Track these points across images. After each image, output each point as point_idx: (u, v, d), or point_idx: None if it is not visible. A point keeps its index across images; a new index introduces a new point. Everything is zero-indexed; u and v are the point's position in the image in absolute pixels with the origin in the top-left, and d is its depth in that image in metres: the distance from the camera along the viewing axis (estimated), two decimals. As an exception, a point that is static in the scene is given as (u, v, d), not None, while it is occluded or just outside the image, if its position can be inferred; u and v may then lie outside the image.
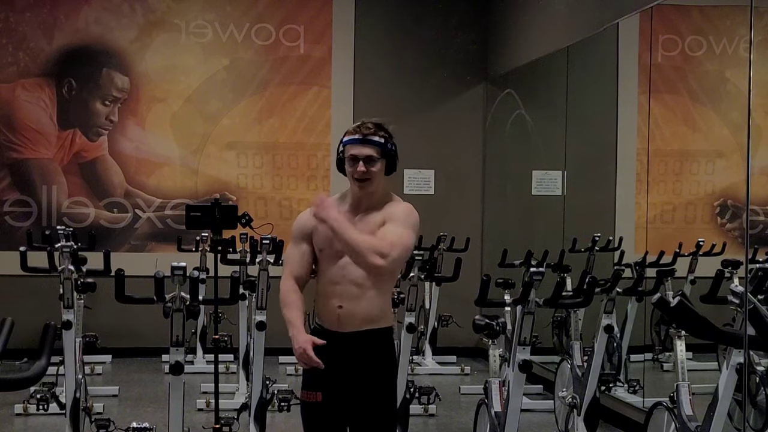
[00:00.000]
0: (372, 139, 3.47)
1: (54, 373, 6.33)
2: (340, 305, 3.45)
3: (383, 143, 3.49)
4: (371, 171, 3.45)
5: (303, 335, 3.42)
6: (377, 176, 3.48)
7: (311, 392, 3.52)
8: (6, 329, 2.47)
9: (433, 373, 8.34)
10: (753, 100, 4.65)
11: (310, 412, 3.55)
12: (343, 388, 3.49)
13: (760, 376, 5.20)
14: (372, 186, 3.48)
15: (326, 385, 3.50)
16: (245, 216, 5.78)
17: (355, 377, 3.48)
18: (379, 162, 3.47)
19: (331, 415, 3.52)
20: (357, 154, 3.46)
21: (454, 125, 9.44)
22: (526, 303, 4.72)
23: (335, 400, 3.50)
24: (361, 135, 3.48)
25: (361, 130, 3.49)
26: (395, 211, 3.48)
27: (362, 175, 3.44)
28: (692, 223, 6.72)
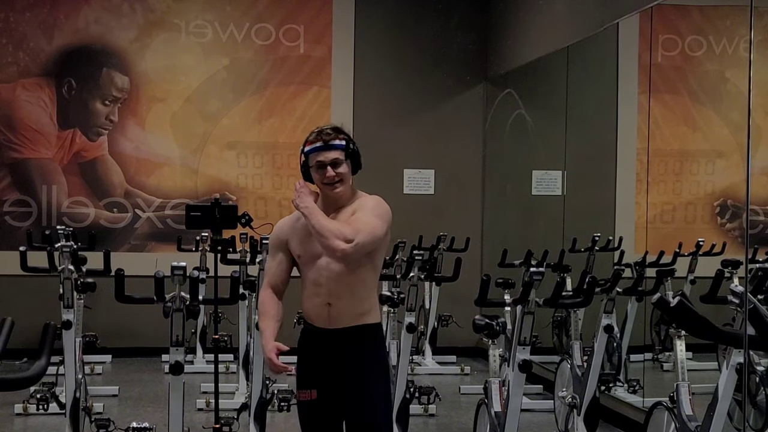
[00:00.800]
0: (334, 144, 3.56)
1: (54, 373, 6.34)
2: (328, 303, 3.53)
3: (345, 145, 3.57)
4: (340, 173, 3.53)
5: (269, 344, 3.54)
6: (346, 177, 3.57)
7: (306, 391, 3.59)
8: (6, 329, 2.47)
9: (433, 373, 8.34)
10: (753, 100, 4.65)
11: (307, 410, 3.61)
12: (337, 383, 3.55)
13: (760, 376, 5.20)
14: (343, 187, 3.56)
15: (321, 382, 3.57)
16: (245, 216, 5.78)
17: (348, 372, 3.53)
18: (345, 163, 3.56)
19: (327, 411, 3.58)
20: (323, 160, 3.54)
21: (454, 125, 9.45)
22: (526, 303, 4.72)
23: (330, 396, 3.56)
24: (323, 141, 3.55)
25: (321, 137, 3.56)
26: (364, 202, 3.57)
27: (332, 179, 3.53)
28: (692, 223, 6.72)
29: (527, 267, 6.89)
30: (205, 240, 8.17)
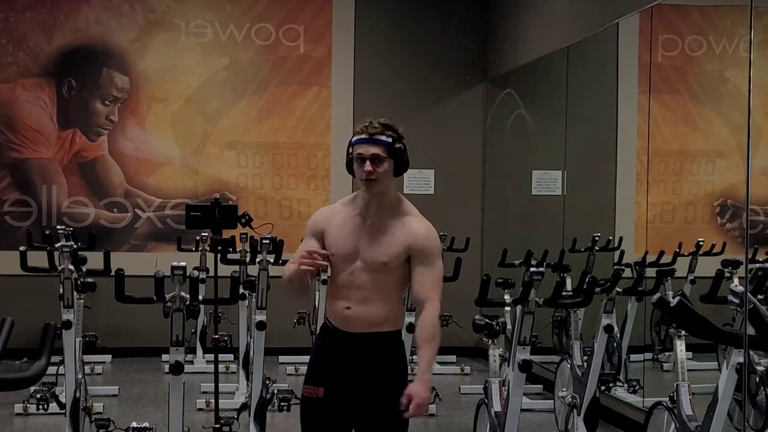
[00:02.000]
0: (379, 138, 3.42)
1: (54, 373, 6.34)
2: (348, 306, 3.43)
3: (390, 143, 3.43)
4: (377, 171, 3.38)
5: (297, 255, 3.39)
6: (384, 176, 3.41)
7: (313, 387, 3.48)
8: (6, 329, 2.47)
9: (433, 373, 8.31)
10: (753, 100, 4.66)
11: (310, 407, 3.51)
12: (347, 385, 3.46)
13: (760, 376, 5.20)
14: (380, 186, 3.42)
15: (330, 381, 3.46)
16: (245, 216, 5.78)
17: (361, 377, 3.45)
18: (386, 161, 3.41)
19: (331, 412, 3.48)
20: (363, 153, 3.40)
21: (454, 125, 9.44)
22: (526, 303, 4.72)
23: (338, 397, 3.47)
24: (368, 134, 3.42)
25: (368, 129, 3.43)
26: (425, 244, 3.43)
27: (368, 174, 3.38)
28: (692, 223, 6.72)
29: (527, 267, 6.89)
30: (205, 240, 8.16)
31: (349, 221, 3.48)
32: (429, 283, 3.43)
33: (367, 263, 3.42)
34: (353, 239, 3.44)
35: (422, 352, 3.41)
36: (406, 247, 3.42)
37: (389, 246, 3.42)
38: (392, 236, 3.42)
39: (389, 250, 3.41)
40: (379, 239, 3.42)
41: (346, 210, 3.51)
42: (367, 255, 3.42)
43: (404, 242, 3.41)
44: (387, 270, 3.42)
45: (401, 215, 3.47)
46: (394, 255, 3.41)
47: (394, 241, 3.42)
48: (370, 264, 3.42)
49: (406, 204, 3.52)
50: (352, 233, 3.45)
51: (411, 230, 3.44)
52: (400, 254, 3.41)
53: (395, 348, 3.54)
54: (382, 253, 3.41)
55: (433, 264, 3.44)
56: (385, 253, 3.41)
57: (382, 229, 3.44)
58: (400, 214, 3.47)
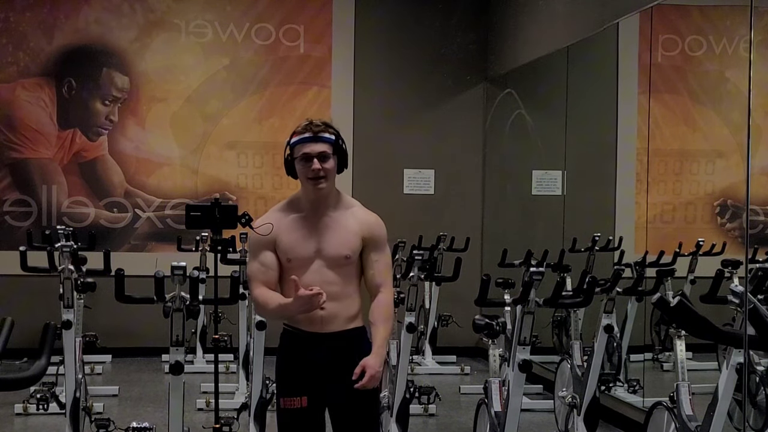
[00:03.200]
0: (323, 136, 3.45)
1: (54, 373, 6.34)
2: (321, 307, 3.38)
3: (334, 140, 3.47)
4: (326, 168, 3.41)
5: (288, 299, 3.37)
6: (331, 173, 3.45)
7: (294, 398, 3.44)
8: (6, 329, 2.47)
9: (433, 373, 8.34)
10: (753, 100, 4.65)
11: (292, 419, 3.46)
12: (326, 390, 3.44)
13: (760, 376, 5.20)
14: (327, 184, 3.44)
15: (313, 388, 3.44)
16: (245, 216, 5.77)
17: (339, 378, 3.42)
18: (332, 159, 3.44)
19: (317, 420, 3.47)
20: (310, 152, 3.41)
21: (454, 125, 9.44)
22: (526, 303, 4.72)
23: (320, 403, 3.45)
24: (312, 133, 3.45)
25: (311, 128, 3.46)
26: (378, 233, 3.51)
27: (317, 173, 3.40)
28: (692, 223, 6.72)
29: (527, 267, 6.88)
30: (205, 240, 8.16)
31: (298, 223, 3.47)
32: (383, 268, 3.51)
33: (329, 260, 3.43)
34: (311, 240, 3.44)
35: (378, 329, 3.45)
36: (361, 237, 3.47)
37: (347, 239, 3.45)
38: (348, 229, 3.46)
39: (349, 243, 3.45)
40: (336, 234, 3.45)
41: (289, 214, 3.51)
42: (329, 251, 3.43)
43: (359, 233, 3.47)
44: (349, 263, 3.45)
45: (347, 208, 3.52)
46: (354, 247, 3.45)
47: (350, 233, 3.46)
48: (334, 259, 3.43)
49: (347, 197, 3.58)
50: (307, 234, 3.45)
51: (363, 220, 3.50)
52: (358, 246, 3.47)
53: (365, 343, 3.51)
54: (343, 246, 3.44)
55: (384, 251, 3.54)
56: (347, 246, 3.44)
57: (336, 224, 3.47)
58: (346, 207, 3.52)
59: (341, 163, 3.50)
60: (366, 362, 3.36)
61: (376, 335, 3.44)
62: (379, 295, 3.49)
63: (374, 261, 3.48)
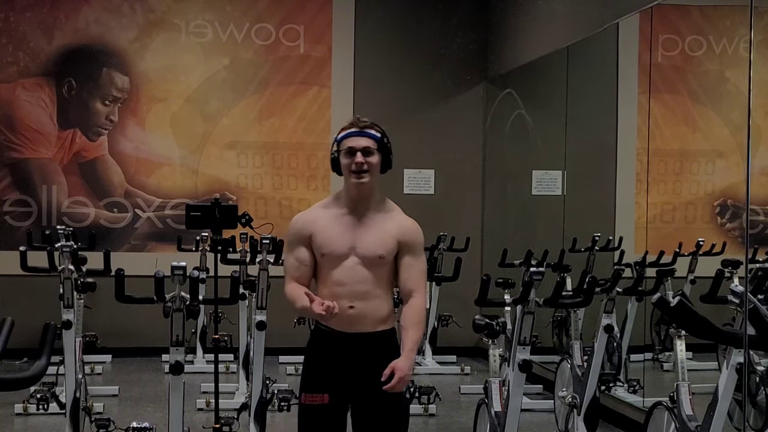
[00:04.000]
0: (369, 132, 3.48)
1: (54, 373, 6.34)
2: (350, 305, 3.40)
3: (380, 137, 3.49)
4: (369, 162, 3.43)
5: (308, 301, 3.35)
6: (374, 170, 3.46)
7: (316, 394, 3.44)
8: (6, 329, 2.47)
9: (433, 372, 8.34)
10: (753, 100, 4.66)
11: (313, 415, 3.46)
12: (350, 390, 3.44)
13: (760, 376, 5.21)
14: (369, 180, 3.45)
15: (335, 386, 3.44)
16: (245, 216, 5.78)
17: (363, 379, 3.42)
18: (376, 154, 3.46)
19: (337, 418, 3.45)
20: (354, 146, 3.44)
21: (454, 125, 9.44)
22: (526, 303, 4.72)
23: (344, 402, 3.44)
24: (358, 128, 3.48)
25: (357, 123, 3.50)
26: (414, 238, 3.52)
27: (360, 166, 3.42)
28: (692, 223, 6.72)
29: (527, 267, 6.89)
30: (205, 240, 8.16)
31: (337, 220, 3.49)
32: (417, 274, 3.51)
33: (363, 258, 3.44)
34: (347, 236, 3.45)
35: (410, 333, 3.46)
36: (397, 240, 3.48)
37: (384, 240, 3.46)
38: (385, 230, 3.47)
39: (384, 244, 3.45)
40: (373, 234, 3.46)
41: (330, 210, 3.53)
42: (364, 250, 3.44)
43: (396, 236, 3.48)
44: (383, 264, 3.45)
45: (388, 211, 3.54)
46: (389, 248, 3.45)
47: (387, 234, 3.47)
48: (367, 258, 3.43)
49: (390, 201, 3.59)
50: (345, 231, 3.46)
51: (400, 224, 3.51)
52: (394, 248, 3.47)
53: (394, 347, 3.53)
54: (378, 246, 3.44)
55: (420, 257, 3.54)
56: (382, 246, 3.45)
57: (374, 223, 3.48)
58: (387, 210, 3.54)
59: (385, 162, 3.52)
60: (396, 364, 3.36)
61: (407, 339, 3.45)
62: (411, 299, 3.50)
63: (409, 265, 3.49)
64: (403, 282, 3.50)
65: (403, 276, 3.49)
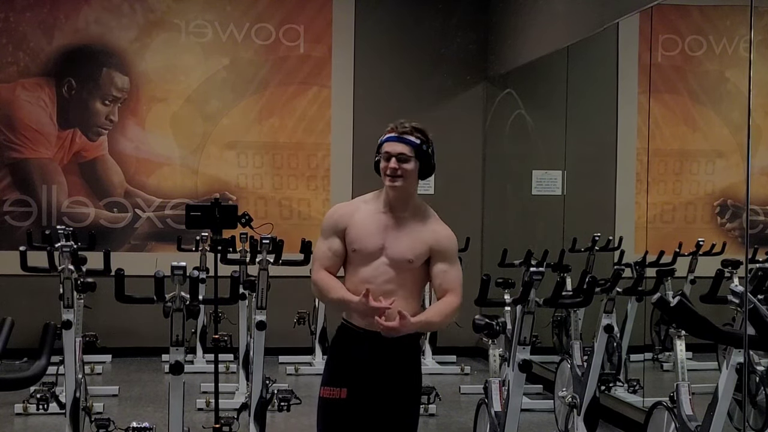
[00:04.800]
0: (407, 138, 3.49)
1: (54, 373, 6.33)
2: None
3: (418, 144, 3.49)
4: (403, 168, 3.46)
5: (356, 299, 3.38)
6: (409, 176, 3.48)
7: (335, 388, 3.47)
8: (6, 329, 2.47)
9: (433, 372, 8.34)
10: (753, 100, 4.66)
11: (331, 409, 3.48)
12: (369, 387, 3.45)
13: (760, 376, 5.21)
14: (403, 185, 3.47)
15: (353, 382, 3.46)
16: (245, 216, 5.78)
17: (383, 377, 3.45)
18: (411, 161, 3.48)
19: (353, 413, 3.46)
20: (390, 151, 3.47)
21: (454, 125, 9.44)
22: (526, 303, 4.72)
23: (360, 398, 3.46)
24: (397, 133, 3.50)
25: (398, 128, 3.51)
26: (447, 246, 3.51)
27: (393, 171, 3.45)
28: (692, 222, 6.72)
29: (527, 267, 6.89)
30: (205, 240, 8.16)
31: (373, 217, 3.51)
32: (452, 278, 3.50)
33: (392, 260, 3.45)
34: (379, 235, 3.47)
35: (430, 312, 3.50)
36: (429, 247, 3.48)
37: (415, 244, 3.47)
38: (418, 235, 3.48)
39: (415, 249, 3.46)
40: (405, 237, 3.47)
41: (368, 207, 3.55)
42: (394, 252, 3.45)
43: (428, 242, 3.48)
44: (411, 268, 3.46)
45: (425, 218, 3.55)
46: (419, 253, 3.46)
47: (419, 240, 3.47)
48: (396, 261, 3.45)
49: (428, 208, 3.60)
50: (378, 229, 3.48)
51: (435, 232, 3.51)
52: (424, 253, 3.47)
53: (416, 350, 3.57)
54: (408, 250, 3.45)
55: (454, 264, 3.53)
56: (411, 250, 3.45)
57: (408, 228, 3.49)
58: (424, 217, 3.55)
59: (425, 168, 3.53)
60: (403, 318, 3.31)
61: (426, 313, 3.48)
62: (446, 296, 3.49)
63: (442, 270, 3.49)
64: (437, 287, 3.51)
65: (437, 281, 3.49)
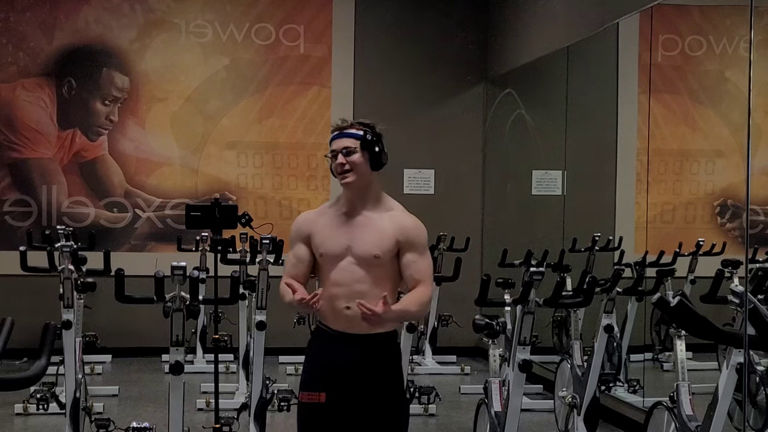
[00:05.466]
0: (348, 132, 3.47)
1: (54, 373, 6.33)
2: (347, 306, 3.39)
3: (362, 134, 3.46)
4: (350, 161, 3.43)
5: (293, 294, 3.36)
6: (358, 169, 3.44)
7: (313, 393, 3.43)
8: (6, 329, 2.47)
9: (433, 372, 8.34)
10: (753, 100, 4.66)
11: (311, 413, 3.45)
12: (348, 389, 3.42)
13: (760, 376, 5.20)
14: (355, 180, 3.44)
15: (332, 386, 3.42)
16: (245, 216, 5.78)
17: (362, 380, 3.42)
18: (357, 153, 3.44)
19: (334, 417, 3.44)
20: (336, 148, 3.46)
21: (454, 125, 9.44)
22: (526, 303, 4.72)
23: (340, 401, 3.43)
24: (339, 130, 3.49)
25: (339, 125, 3.51)
26: (414, 236, 3.46)
27: (341, 167, 3.43)
28: (692, 222, 6.72)
29: (527, 267, 6.88)
30: (205, 240, 8.16)
31: (335, 220, 3.49)
32: (422, 268, 3.45)
33: (359, 258, 3.41)
34: (343, 236, 3.44)
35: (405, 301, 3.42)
36: (396, 240, 3.43)
37: (381, 239, 3.42)
38: (382, 230, 3.44)
39: (381, 244, 3.42)
40: (369, 234, 3.43)
41: (331, 210, 3.54)
42: (360, 250, 3.41)
43: (394, 235, 3.43)
44: (380, 264, 3.42)
45: (386, 209, 3.50)
46: (386, 248, 3.42)
47: (384, 234, 3.43)
48: (363, 259, 3.41)
49: (391, 200, 3.55)
50: (341, 231, 3.46)
51: (400, 223, 3.46)
52: (391, 247, 3.43)
53: (394, 350, 3.53)
54: (374, 246, 3.41)
55: (423, 253, 3.48)
56: (377, 246, 3.41)
57: (371, 223, 3.45)
58: (386, 209, 3.50)
59: (374, 158, 3.47)
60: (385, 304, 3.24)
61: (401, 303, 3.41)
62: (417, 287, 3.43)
63: (412, 262, 3.43)
64: (408, 278, 3.44)
65: (407, 273, 3.43)
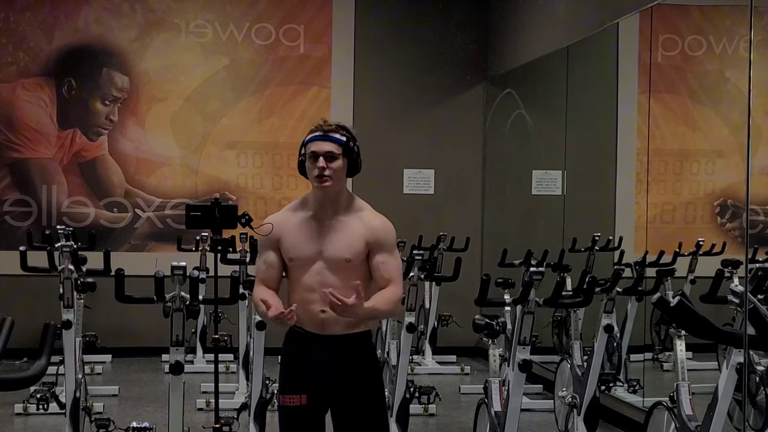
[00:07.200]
0: (333, 136, 3.42)
1: (54, 373, 6.34)
2: (322, 310, 3.37)
3: (345, 141, 3.43)
4: (332, 167, 3.39)
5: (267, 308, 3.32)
6: (338, 175, 3.41)
7: (294, 396, 3.43)
8: (6, 329, 2.47)
9: (433, 372, 8.34)
10: (753, 100, 4.66)
11: (293, 417, 3.45)
12: (328, 391, 3.43)
13: (760, 376, 5.21)
14: (333, 185, 3.41)
15: (312, 387, 3.43)
16: (245, 216, 5.77)
17: (340, 379, 3.42)
18: (340, 159, 3.41)
19: (315, 418, 3.45)
20: (317, 150, 3.40)
21: (454, 125, 9.44)
22: (526, 303, 4.72)
23: (320, 402, 3.44)
24: (322, 131, 3.43)
25: (322, 127, 3.44)
26: (383, 236, 3.43)
27: (321, 171, 3.38)
28: (692, 222, 6.72)
29: (527, 267, 6.89)
30: (205, 240, 8.17)
31: (304, 224, 3.46)
32: (391, 268, 3.43)
33: (330, 262, 3.40)
34: (313, 241, 3.43)
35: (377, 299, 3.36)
36: (366, 241, 3.42)
37: (351, 243, 3.41)
38: (352, 233, 3.42)
39: (352, 246, 3.41)
40: (339, 237, 3.42)
41: (298, 214, 3.50)
42: (330, 254, 3.40)
43: (363, 237, 3.42)
44: (351, 267, 3.40)
45: (356, 211, 3.48)
46: (356, 251, 3.40)
47: (354, 237, 3.42)
48: (334, 262, 3.40)
49: (359, 201, 3.53)
50: (311, 235, 3.44)
51: (368, 224, 3.45)
52: (361, 250, 3.41)
53: (369, 347, 3.52)
54: (344, 250, 3.40)
55: (392, 253, 3.46)
56: (348, 249, 3.40)
57: (341, 227, 3.44)
58: (355, 211, 3.48)
59: (352, 166, 3.46)
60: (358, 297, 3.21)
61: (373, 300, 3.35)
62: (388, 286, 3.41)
63: (381, 262, 3.41)
64: (379, 278, 3.42)
65: (377, 274, 3.42)
